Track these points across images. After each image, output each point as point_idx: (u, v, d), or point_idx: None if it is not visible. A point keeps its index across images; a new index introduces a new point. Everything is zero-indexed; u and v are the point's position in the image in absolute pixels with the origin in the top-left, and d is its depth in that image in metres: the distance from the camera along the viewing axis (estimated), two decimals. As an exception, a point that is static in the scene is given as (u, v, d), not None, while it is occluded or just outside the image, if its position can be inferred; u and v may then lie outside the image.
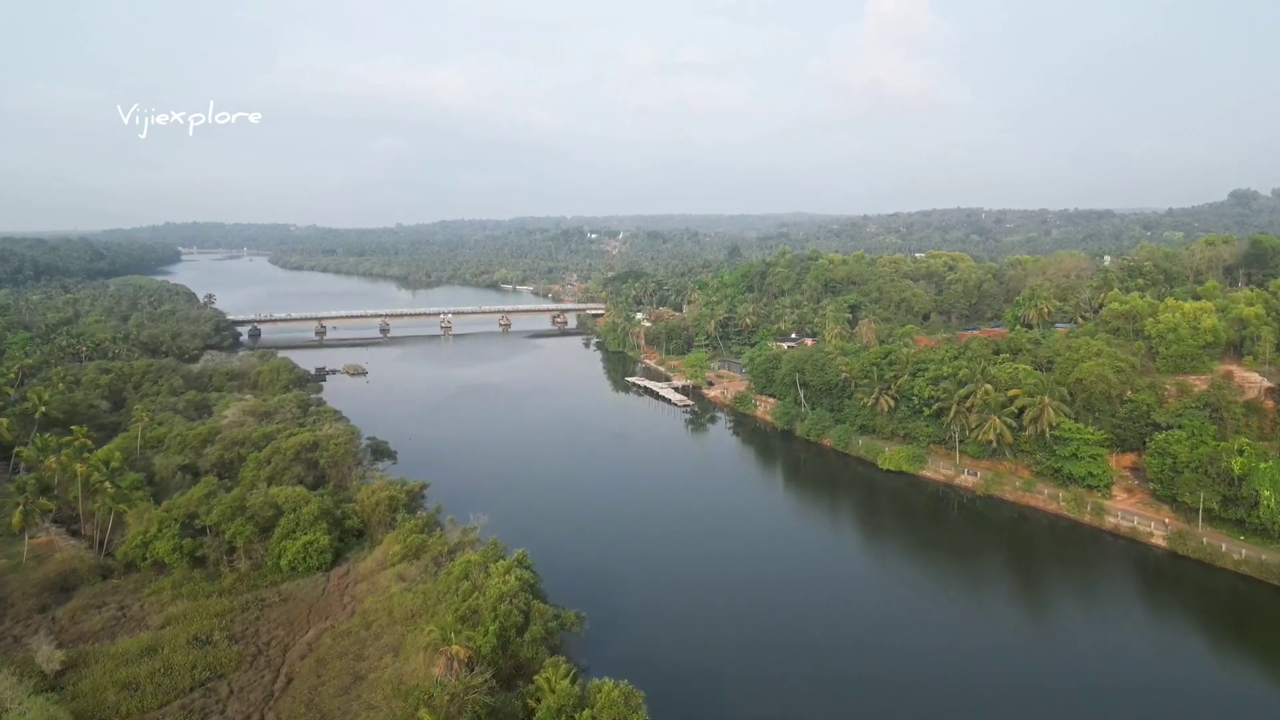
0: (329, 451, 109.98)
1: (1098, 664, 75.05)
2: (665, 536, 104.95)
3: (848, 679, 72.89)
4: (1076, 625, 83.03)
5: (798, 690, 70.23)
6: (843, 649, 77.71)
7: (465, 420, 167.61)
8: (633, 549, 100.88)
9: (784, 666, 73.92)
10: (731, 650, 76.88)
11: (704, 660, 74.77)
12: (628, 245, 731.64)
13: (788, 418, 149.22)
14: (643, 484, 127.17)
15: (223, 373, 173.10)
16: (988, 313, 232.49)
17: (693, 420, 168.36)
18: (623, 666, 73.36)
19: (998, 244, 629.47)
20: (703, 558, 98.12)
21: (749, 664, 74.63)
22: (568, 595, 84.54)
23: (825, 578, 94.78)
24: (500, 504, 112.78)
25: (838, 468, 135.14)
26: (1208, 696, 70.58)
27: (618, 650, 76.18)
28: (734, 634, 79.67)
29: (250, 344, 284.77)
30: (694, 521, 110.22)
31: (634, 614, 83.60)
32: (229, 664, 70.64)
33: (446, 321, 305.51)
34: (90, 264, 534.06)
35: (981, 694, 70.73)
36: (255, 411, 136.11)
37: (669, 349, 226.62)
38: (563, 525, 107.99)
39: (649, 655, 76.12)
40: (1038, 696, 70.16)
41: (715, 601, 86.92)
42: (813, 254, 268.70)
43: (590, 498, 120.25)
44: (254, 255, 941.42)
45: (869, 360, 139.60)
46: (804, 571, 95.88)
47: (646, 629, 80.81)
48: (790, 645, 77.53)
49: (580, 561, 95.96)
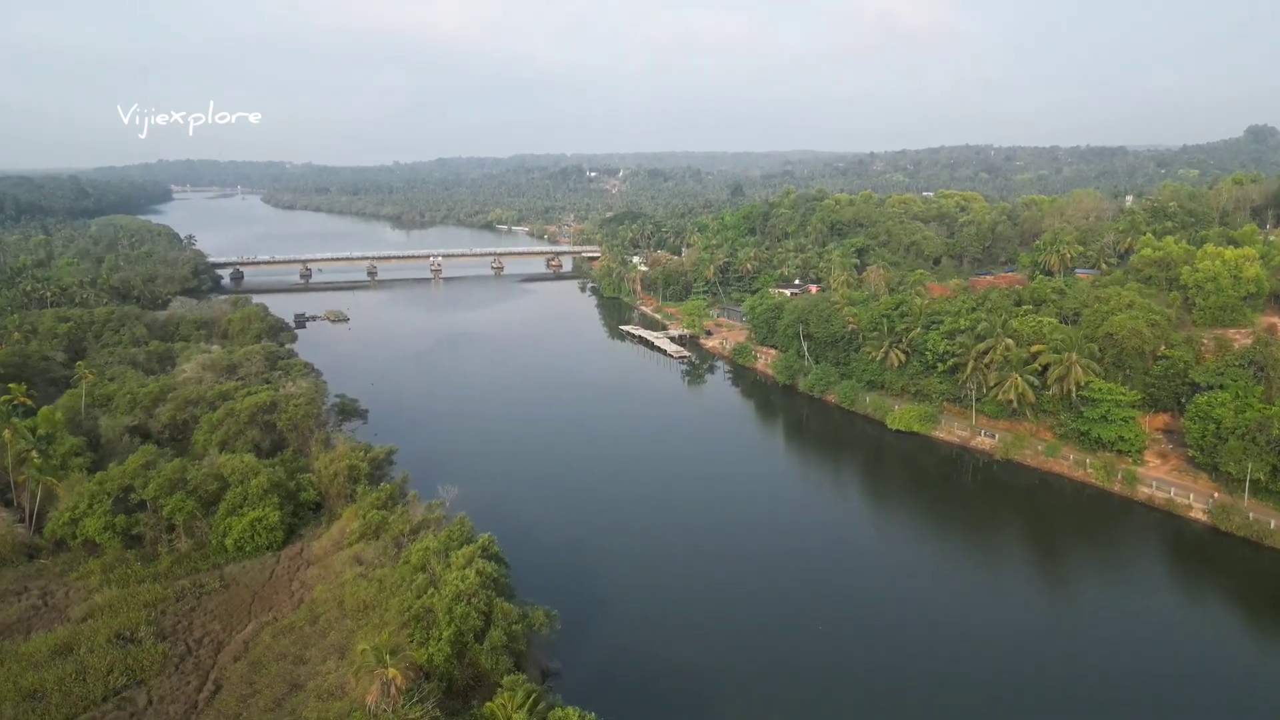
0: (288, 413, 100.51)
1: (1127, 651, 66.91)
2: (655, 506, 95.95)
3: (852, 667, 64.73)
4: (1103, 607, 74.36)
5: (799, 685, 61.79)
6: (848, 633, 69.30)
7: (446, 373, 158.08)
8: (619, 521, 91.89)
9: (783, 655, 65.58)
10: (725, 640, 68.33)
11: (693, 655, 66.19)
12: (628, 184, 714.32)
13: (790, 372, 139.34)
14: (632, 446, 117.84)
15: (190, 321, 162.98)
16: (1001, 256, 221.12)
17: (689, 373, 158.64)
18: (599, 669, 65.14)
19: (1008, 182, 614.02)
20: (695, 530, 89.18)
21: (743, 655, 66.14)
22: (542, 579, 76.09)
23: (828, 551, 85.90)
24: (476, 471, 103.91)
25: (843, 427, 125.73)
26: (1251, 691, 62.05)
27: (595, 647, 67.67)
28: (728, 620, 71.05)
29: (232, 287, 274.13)
30: (686, 489, 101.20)
31: (616, 599, 74.92)
32: (152, 667, 62.05)
33: (436, 264, 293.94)
34: (75, 203, 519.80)
35: (999, 682, 62.93)
36: (216, 365, 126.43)
37: (666, 295, 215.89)
38: (543, 495, 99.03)
39: (631, 649, 67.71)
40: (1058, 685, 62.24)
41: (707, 581, 78.18)
42: (818, 194, 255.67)
43: (575, 462, 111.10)
44: (247, 194, 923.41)
45: (878, 311, 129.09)
46: (805, 544, 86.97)
47: (630, 618, 72.13)
48: (791, 631, 68.98)
49: (559, 537, 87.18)
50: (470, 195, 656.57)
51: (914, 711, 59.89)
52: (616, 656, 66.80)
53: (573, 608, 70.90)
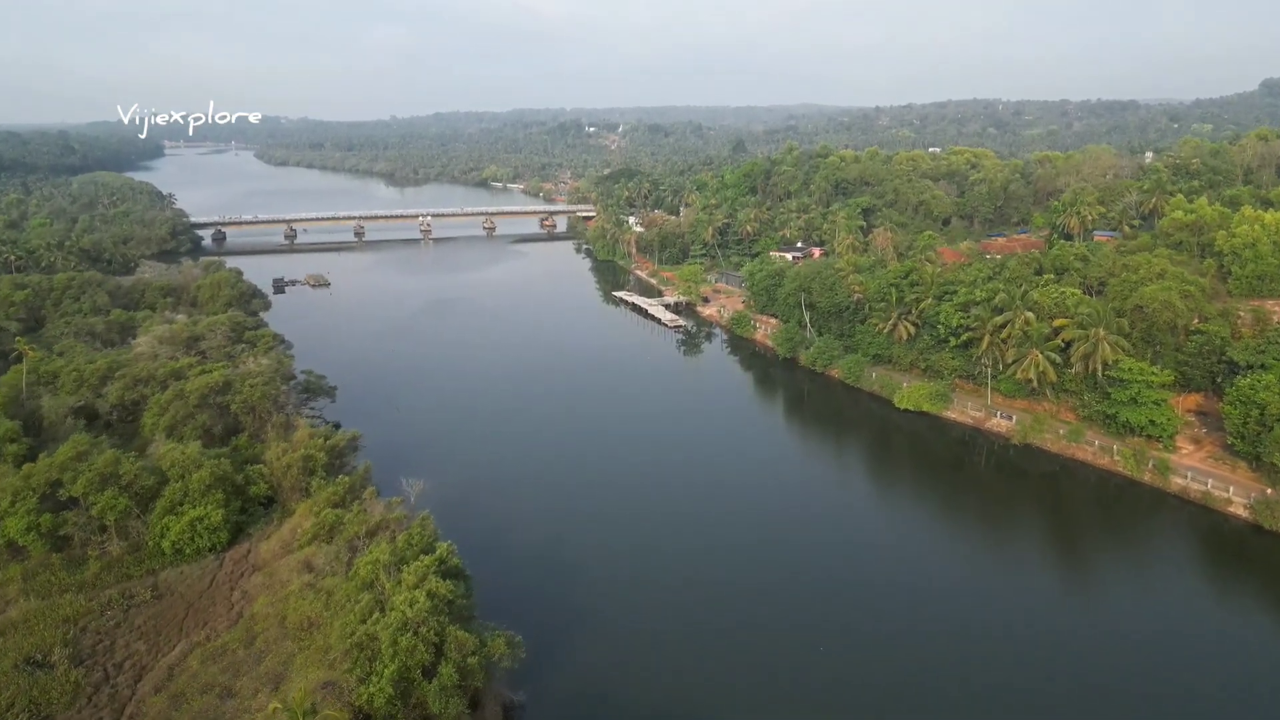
0: (243, 394, 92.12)
1: (1160, 659, 60.33)
2: (643, 497, 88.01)
3: (859, 683, 57.26)
4: (1133, 610, 66.73)
5: (797, 707, 54.42)
6: (854, 642, 61.66)
7: (427, 345, 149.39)
8: (603, 514, 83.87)
9: (784, 670, 58.13)
10: (717, 657, 60.72)
11: (680, 672, 58.56)
12: (627, 139, 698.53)
13: (791, 344, 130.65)
14: (621, 426, 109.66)
15: (157, 287, 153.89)
16: (1014, 216, 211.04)
17: (685, 343, 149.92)
18: (571, 700, 57.47)
19: (1017, 137, 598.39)
20: (685, 521, 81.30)
21: (739, 673, 58.62)
22: (511, 587, 68.53)
23: (832, 545, 78.03)
24: (449, 457, 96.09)
25: (847, 405, 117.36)
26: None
27: (567, 672, 59.99)
28: (721, 631, 63.37)
29: (214, 249, 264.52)
30: (678, 474, 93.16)
31: (593, 610, 67.16)
32: (62, 699, 54.51)
33: (426, 224, 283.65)
34: (59, 159, 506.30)
35: (1015, 687, 56.61)
36: (176, 338, 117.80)
37: (663, 258, 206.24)
38: (522, 484, 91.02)
39: (609, 672, 60.09)
40: (1079, 694, 55.77)
41: (697, 583, 70.45)
42: (822, 150, 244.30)
43: (559, 446, 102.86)
44: (241, 149, 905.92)
45: (886, 280, 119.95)
46: (807, 537, 79.04)
47: (609, 633, 64.41)
48: (792, 643, 61.35)
49: (534, 534, 79.37)
50: (466, 151, 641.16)
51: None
52: (592, 684, 59.13)
53: (543, 623, 63.52)
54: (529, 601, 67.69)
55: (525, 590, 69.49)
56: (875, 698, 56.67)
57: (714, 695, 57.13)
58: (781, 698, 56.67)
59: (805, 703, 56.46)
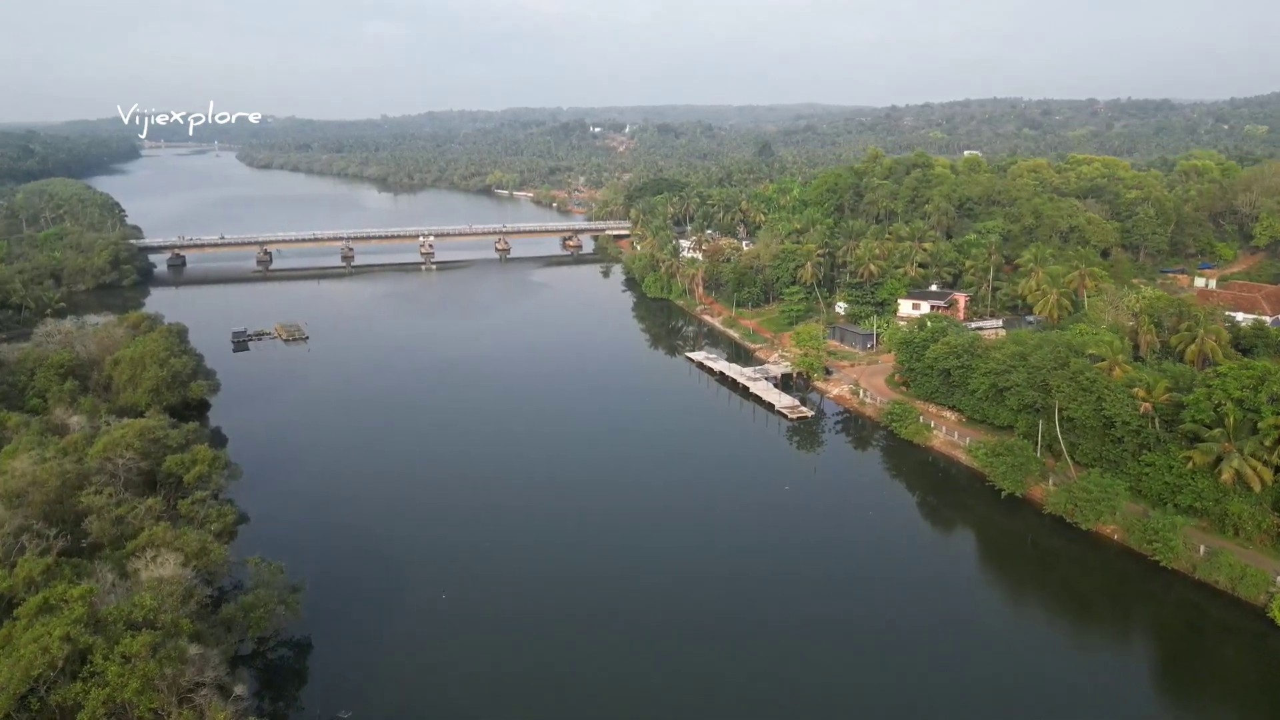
0: (109, 687, 45.27)
1: None
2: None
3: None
4: None
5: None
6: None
7: (429, 455, 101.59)
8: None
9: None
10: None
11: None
12: (636, 140, 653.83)
13: (1019, 472, 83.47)
14: (738, 646, 62.87)
15: (54, 365, 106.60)
16: (1189, 245, 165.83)
17: (808, 442, 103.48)
18: None
19: (1059, 138, 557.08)
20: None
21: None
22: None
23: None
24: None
25: (1160, 603, 70.66)
26: None
27: None
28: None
29: (170, 278, 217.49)
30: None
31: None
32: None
33: (427, 246, 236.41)
34: (15, 163, 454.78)
35: None
36: (47, 482, 71.19)
37: (739, 299, 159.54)
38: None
39: None
40: None
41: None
42: (918, 158, 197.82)
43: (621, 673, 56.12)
44: (223, 150, 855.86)
45: (1222, 389, 73.34)
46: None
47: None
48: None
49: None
50: (464, 153, 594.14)
51: None
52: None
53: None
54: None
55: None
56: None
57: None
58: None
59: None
